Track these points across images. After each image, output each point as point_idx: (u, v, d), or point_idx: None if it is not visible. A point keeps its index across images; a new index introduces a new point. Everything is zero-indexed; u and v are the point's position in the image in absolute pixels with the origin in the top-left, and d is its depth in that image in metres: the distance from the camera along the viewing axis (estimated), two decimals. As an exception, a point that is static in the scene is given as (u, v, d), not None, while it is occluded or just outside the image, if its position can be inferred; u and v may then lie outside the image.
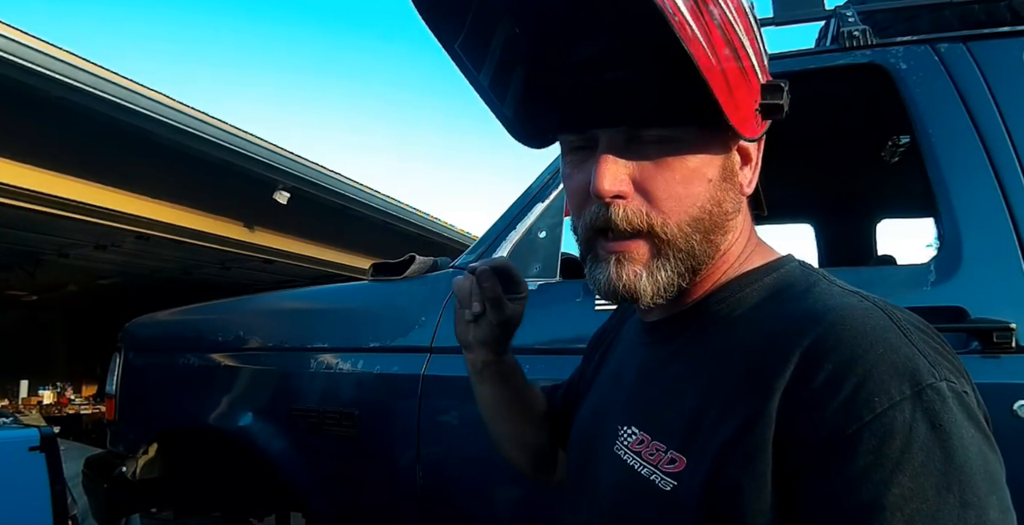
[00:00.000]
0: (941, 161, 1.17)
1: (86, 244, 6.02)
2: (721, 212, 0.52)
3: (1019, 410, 0.98)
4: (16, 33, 3.22)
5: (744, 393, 0.46)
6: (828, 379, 0.42)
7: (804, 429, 0.42)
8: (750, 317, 0.52)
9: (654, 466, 0.51)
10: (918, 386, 0.41)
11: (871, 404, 0.41)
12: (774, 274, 0.54)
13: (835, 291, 0.50)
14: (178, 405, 1.80)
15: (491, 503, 1.34)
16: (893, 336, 0.44)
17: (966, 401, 0.42)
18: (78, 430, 7.96)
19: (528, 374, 1.31)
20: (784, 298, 0.51)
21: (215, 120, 4.53)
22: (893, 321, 0.45)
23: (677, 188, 0.50)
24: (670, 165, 0.50)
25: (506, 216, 1.48)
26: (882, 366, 0.42)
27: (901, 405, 0.40)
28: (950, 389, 0.42)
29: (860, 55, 1.29)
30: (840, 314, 0.46)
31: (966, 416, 0.41)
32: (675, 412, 0.52)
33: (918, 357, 0.42)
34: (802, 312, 0.48)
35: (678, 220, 0.51)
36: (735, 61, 0.48)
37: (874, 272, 1.36)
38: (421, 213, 7.55)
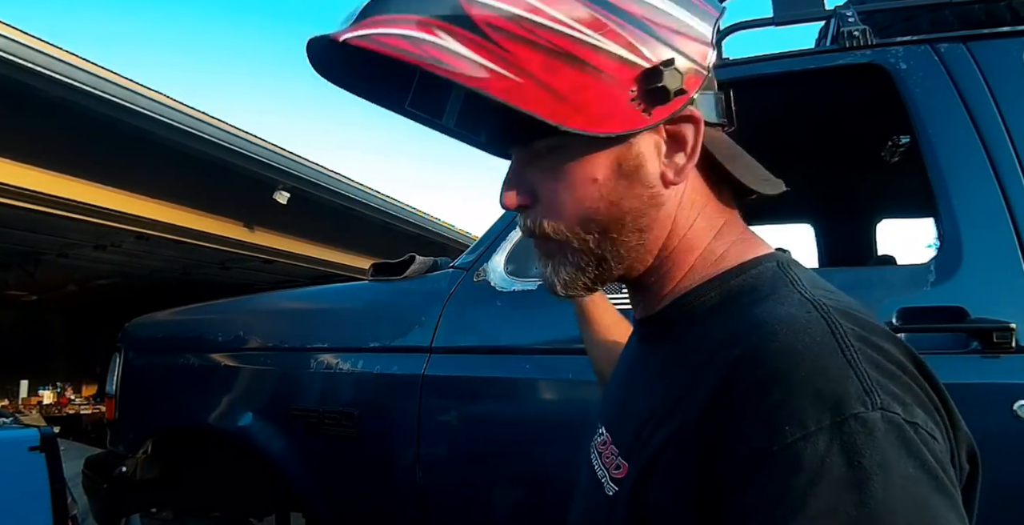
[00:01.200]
0: (941, 161, 1.17)
1: (86, 244, 6.02)
2: (622, 210, 0.51)
3: (1019, 410, 0.98)
4: (16, 33, 3.22)
5: (679, 404, 0.44)
6: (746, 397, 0.39)
7: (721, 447, 0.39)
8: (705, 323, 0.49)
9: (606, 470, 0.52)
10: (840, 416, 0.36)
11: (783, 432, 0.36)
12: (742, 276, 0.51)
13: (792, 299, 0.45)
14: (178, 405, 1.80)
15: (491, 503, 1.34)
16: (827, 354, 0.38)
17: (907, 435, 0.36)
18: (78, 430, 7.97)
19: (529, 374, 1.32)
20: (740, 304, 0.47)
21: (215, 120, 4.53)
22: (836, 336, 0.40)
23: (563, 194, 0.51)
24: (556, 173, 0.52)
25: (506, 216, 1.48)
26: (803, 389, 0.37)
27: (816, 436, 0.35)
28: (886, 420, 0.36)
29: (860, 55, 1.29)
30: (775, 327, 0.41)
31: (903, 453, 0.35)
32: (629, 417, 0.52)
33: (850, 381, 0.37)
34: (745, 322, 0.44)
35: (568, 223, 0.52)
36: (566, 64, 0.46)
37: (874, 272, 1.35)
38: (421, 213, 7.56)
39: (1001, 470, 1.00)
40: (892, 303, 1.11)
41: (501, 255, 1.43)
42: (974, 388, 1.03)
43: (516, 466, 1.32)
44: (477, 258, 1.46)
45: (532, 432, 1.31)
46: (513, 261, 1.44)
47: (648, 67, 0.48)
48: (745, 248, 0.54)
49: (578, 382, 1.29)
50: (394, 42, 0.44)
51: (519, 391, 1.35)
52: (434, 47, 0.44)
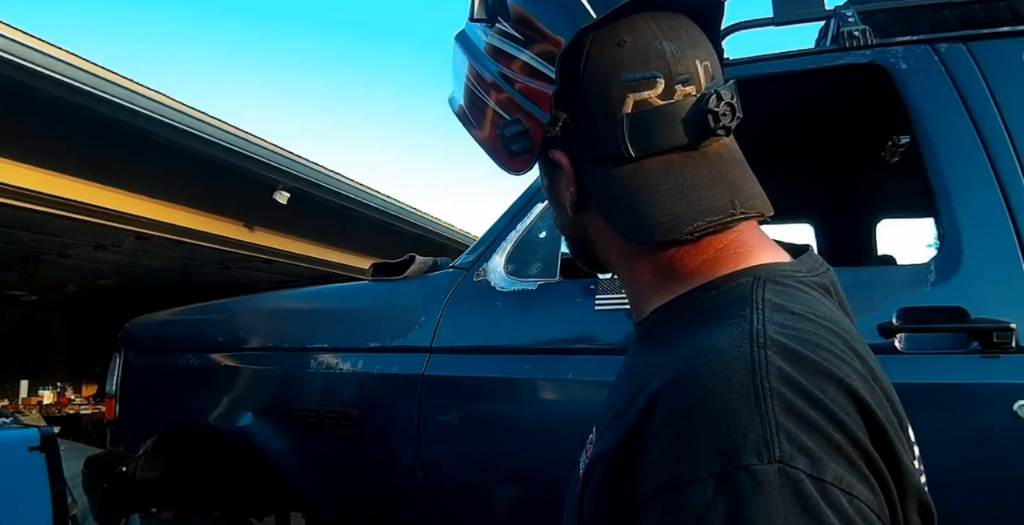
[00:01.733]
0: (941, 161, 1.17)
1: (86, 244, 6.02)
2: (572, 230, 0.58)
3: (1019, 410, 0.98)
4: (16, 33, 3.22)
5: (616, 422, 0.44)
6: (656, 431, 0.38)
7: (631, 475, 0.39)
8: (664, 343, 0.48)
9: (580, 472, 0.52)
10: (731, 465, 0.34)
11: (676, 473, 0.35)
12: (713, 293, 0.48)
13: (735, 328, 0.42)
14: (178, 405, 1.80)
15: (491, 503, 1.34)
16: (737, 398, 0.36)
17: (805, 491, 0.33)
18: (78, 430, 7.97)
19: (528, 374, 1.32)
20: (695, 328, 0.46)
21: (215, 120, 4.53)
22: (755, 377, 0.37)
23: None
24: None
25: (506, 216, 1.48)
26: (702, 432, 0.36)
27: (704, 483, 0.34)
28: (781, 473, 0.34)
29: (860, 55, 1.29)
30: (696, 361, 0.40)
31: (796, 511, 0.33)
32: (602, 422, 0.52)
33: (752, 429, 0.35)
34: (681, 350, 0.43)
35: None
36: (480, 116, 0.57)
37: (874, 272, 1.35)
38: (421, 213, 7.55)
39: (1001, 470, 1.01)
40: (892, 303, 1.11)
41: (501, 255, 1.43)
42: (974, 388, 1.03)
43: (516, 466, 1.32)
44: (477, 258, 1.46)
45: (532, 432, 1.30)
46: (513, 261, 1.44)
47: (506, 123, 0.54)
48: (723, 264, 0.50)
49: (578, 382, 1.29)
50: None
51: (519, 391, 1.35)
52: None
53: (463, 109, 0.61)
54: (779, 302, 0.44)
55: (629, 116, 0.48)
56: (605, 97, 0.48)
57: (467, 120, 0.61)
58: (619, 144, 0.48)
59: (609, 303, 1.28)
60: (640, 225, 0.49)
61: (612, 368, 1.27)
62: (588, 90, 0.49)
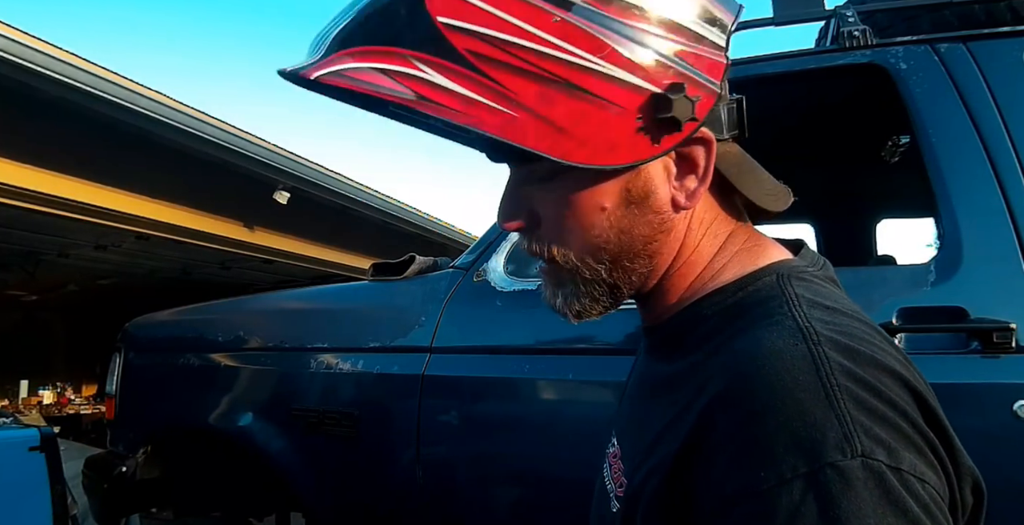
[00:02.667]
0: (941, 161, 1.17)
1: (86, 244, 6.02)
2: (632, 239, 0.48)
3: (1019, 410, 0.98)
4: (16, 33, 3.22)
5: (668, 433, 0.43)
6: (721, 440, 0.38)
7: (700, 487, 0.38)
8: (704, 346, 0.47)
9: (615, 484, 0.51)
10: (816, 463, 0.34)
11: (756, 479, 0.35)
12: (740, 294, 0.48)
13: (783, 326, 0.42)
14: (178, 405, 1.80)
15: (491, 503, 1.34)
16: (808, 396, 0.36)
17: (888, 483, 0.34)
18: (78, 430, 7.98)
19: (528, 374, 1.33)
20: (735, 329, 0.45)
21: (215, 120, 4.53)
22: (820, 374, 0.37)
23: (570, 222, 0.48)
24: (560, 199, 0.48)
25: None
26: (779, 434, 0.35)
27: (791, 484, 0.34)
28: (865, 467, 0.34)
29: (860, 55, 1.29)
30: (757, 365, 0.39)
31: (884, 502, 0.33)
32: (633, 434, 0.51)
33: (830, 425, 0.35)
34: (732, 354, 0.42)
35: (578, 252, 0.49)
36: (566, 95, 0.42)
37: (874, 272, 1.35)
38: (421, 213, 7.56)
39: (1001, 470, 1.00)
40: (892, 303, 1.11)
41: (501, 255, 1.43)
42: (974, 388, 1.03)
43: (516, 466, 1.32)
44: (477, 258, 1.46)
45: (532, 432, 1.30)
46: (513, 261, 1.44)
47: (656, 92, 0.44)
48: (747, 259, 0.51)
49: (578, 382, 1.29)
50: (370, 78, 0.40)
51: (519, 391, 1.35)
52: (416, 81, 0.41)
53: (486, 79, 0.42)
54: (812, 298, 0.45)
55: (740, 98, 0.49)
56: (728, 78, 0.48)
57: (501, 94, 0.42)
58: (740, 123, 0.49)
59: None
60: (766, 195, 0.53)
61: (612, 368, 1.27)
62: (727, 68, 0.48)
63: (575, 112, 0.42)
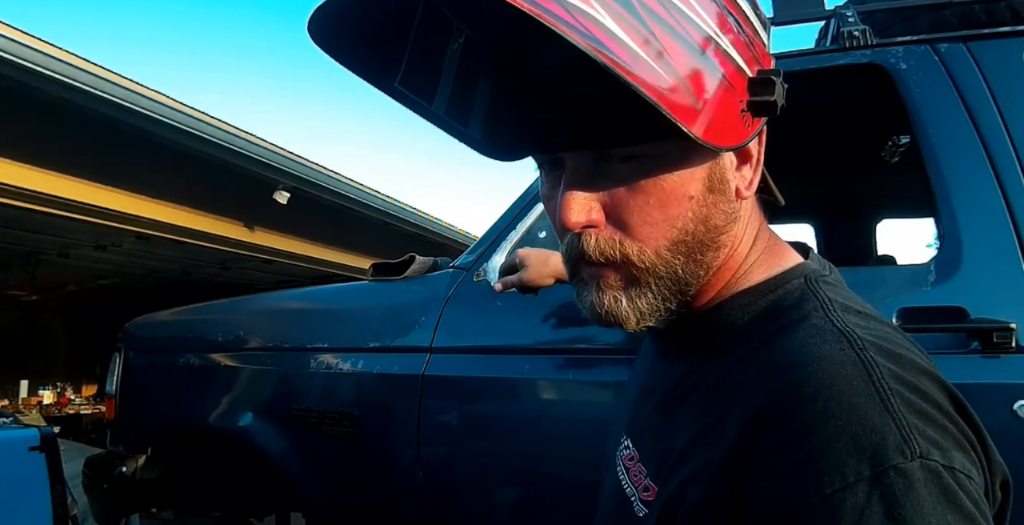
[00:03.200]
0: (941, 161, 1.17)
1: (86, 244, 6.02)
2: (708, 229, 0.47)
3: (1019, 410, 0.98)
4: (16, 33, 3.22)
5: (706, 438, 0.43)
6: (780, 446, 0.38)
7: (752, 495, 0.38)
8: (736, 350, 0.47)
9: (635, 488, 0.50)
10: (879, 467, 0.35)
11: (820, 483, 0.35)
12: (770, 296, 0.48)
13: (822, 331, 0.42)
14: (178, 405, 1.80)
15: (491, 503, 1.34)
16: (864, 401, 0.37)
17: (945, 482, 0.35)
18: (78, 430, 7.96)
19: (528, 374, 1.33)
20: (770, 332, 0.45)
21: (215, 120, 4.53)
22: (872, 379, 0.38)
23: (653, 213, 0.45)
24: (643, 188, 0.45)
25: (506, 216, 1.48)
26: (841, 439, 0.36)
27: (855, 488, 0.35)
28: (924, 468, 0.35)
29: (860, 55, 1.29)
30: (809, 370, 0.39)
31: (941, 500, 0.34)
32: (656, 439, 0.50)
33: (889, 429, 0.36)
34: (774, 360, 0.42)
35: (656, 246, 0.46)
36: (704, 67, 0.41)
37: (874, 272, 1.35)
38: (421, 213, 7.55)
39: (1001, 470, 1.01)
40: (892, 303, 1.11)
41: (501, 255, 1.43)
42: (974, 388, 1.03)
43: (516, 465, 1.32)
44: (477, 258, 1.46)
45: (532, 432, 1.30)
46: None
47: (753, 77, 0.44)
48: (772, 258, 0.51)
49: (578, 382, 1.29)
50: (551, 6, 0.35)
51: (519, 391, 1.35)
52: (593, 24, 0.36)
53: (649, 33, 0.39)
54: (843, 302, 0.46)
55: None
56: None
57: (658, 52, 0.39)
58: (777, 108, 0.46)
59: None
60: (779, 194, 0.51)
61: (612, 368, 1.27)
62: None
63: (706, 86, 0.41)
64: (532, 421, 1.31)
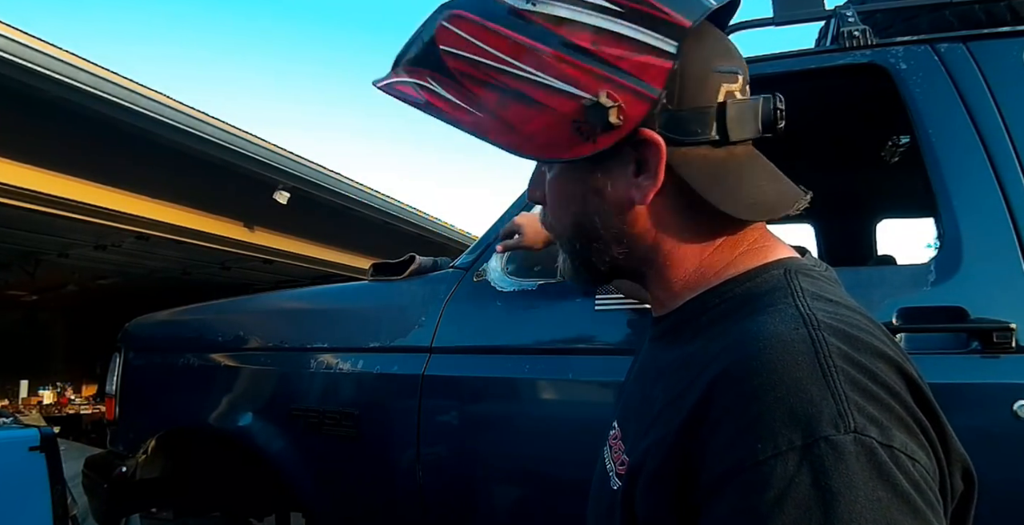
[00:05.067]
0: (941, 161, 1.17)
1: (86, 244, 6.02)
2: (593, 223, 0.56)
3: (1019, 410, 0.98)
4: (16, 33, 3.22)
5: (667, 412, 0.46)
6: (722, 415, 0.40)
7: (697, 462, 0.41)
8: (704, 333, 0.50)
9: (615, 463, 0.54)
10: (811, 437, 0.36)
11: (754, 450, 0.37)
12: (748, 284, 0.51)
13: (784, 313, 0.45)
14: (178, 405, 1.80)
15: (491, 503, 1.34)
16: (805, 375, 0.39)
17: (879, 458, 0.36)
18: (78, 430, 7.96)
19: (529, 374, 1.33)
20: (739, 316, 0.48)
21: (215, 120, 4.53)
22: (819, 357, 0.40)
23: (554, 202, 0.59)
24: (551, 183, 0.59)
25: (506, 216, 1.48)
26: (777, 410, 0.38)
27: (785, 456, 0.36)
28: (857, 442, 0.36)
29: (860, 55, 1.29)
30: (759, 345, 0.42)
31: (873, 476, 0.36)
32: (634, 416, 0.55)
33: (826, 403, 0.37)
34: (734, 337, 0.45)
35: (562, 227, 0.59)
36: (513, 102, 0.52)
37: (874, 272, 1.35)
38: (421, 213, 7.55)
39: (1001, 470, 1.01)
40: (892, 303, 1.11)
41: (501, 255, 1.43)
42: (974, 388, 1.03)
43: (516, 466, 1.32)
44: (477, 258, 1.46)
45: (532, 432, 1.31)
46: (513, 261, 1.44)
47: (585, 98, 0.50)
48: (754, 257, 0.54)
49: (578, 382, 1.29)
50: (403, 88, 0.57)
51: (519, 391, 1.35)
52: (426, 91, 0.56)
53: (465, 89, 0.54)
54: (815, 291, 0.48)
55: (722, 103, 0.51)
56: (704, 82, 0.51)
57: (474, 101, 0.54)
58: (721, 128, 0.51)
59: (609, 303, 1.28)
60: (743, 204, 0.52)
61: (612, 368, 1.27)
62: (687, 72, 0.50)
63: (522, 115, 0.52)
64: (532, 421, 1.31)
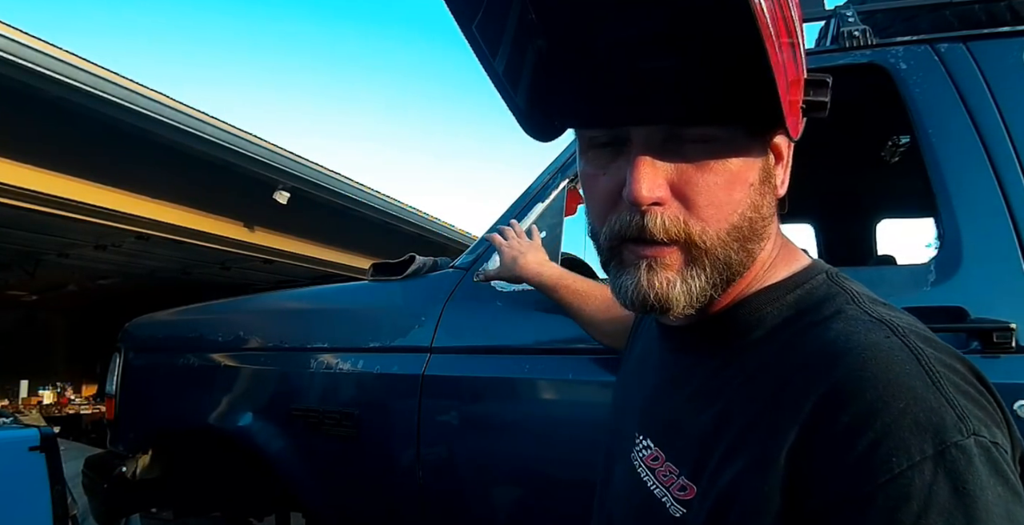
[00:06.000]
0: (941, 161, 1.17)
1: (86, 244, 6.02)
2: (760, 218, 0.48)
3: (1019, 410, 0.98)
4: (16, 33, 3.22)
5: (756, 431, 0.43)
6: (844, 432, 0.39)
7: (817, 483, 0.39)
8: (770, 342, 0.48)
9: (666, 488, 0.49)
10: (942, 445, 0.37)
11: (888, 464, 0.37)
12: (798, 291, 0.49)
13: (862, 321, 0.44)
14: (178, 405, 1.80)
15: (491, 503, 1.34)
16: (920, 384, 0.39)
17: (994, 456, 0.38)
18: (78, 430, 7.97)
19: (528, 374, 1.33)
20: (806, 324, 0.46)
21: (215, 120, 4.53)
22: (922, 364, 0.40)
23: (719, 194, 0.46)
24: (712, 168, 0.46)
25: (506, 216, 1.48)
26: (904, 421, 0.38)
27: (921, 466, 0.37)
28: (978, 444, 0.37)
29: (860, 55, 1.29)
30: (862, 357, 0.41)
31: (994, 473, 0.37)
32: (689, 436, 0.49)
33: (945, 410, 0.38)
34: (822, 349, 0.43)
35: (717, 228, 0.46)
36: (791, 49, 0.43)
37: (874, 272, 1.35)
38: (421, 213, 7.55)
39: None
40: (892, 303, 1.11)
41: (501, 255, 1.43)
42: (974, 388, 1.03)
43: (516, 466, 1.32)
44: (477, 258, 1.46)
45: (532, 432, 1.30)
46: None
47: (808, 78, 0.47)
48: (789, 256, 0.53)
49: (578, 382, 1.29)
50: None
51: (519, 391, 1.35)
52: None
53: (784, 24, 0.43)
54: (868, 294, 0.49)
55: None
56: None
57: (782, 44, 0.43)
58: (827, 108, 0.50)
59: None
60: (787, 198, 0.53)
61: (612, 368, 1.27)
62: None
63: (793, 75, 0.44)
64: (532, 421, 1.31)
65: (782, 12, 0.42)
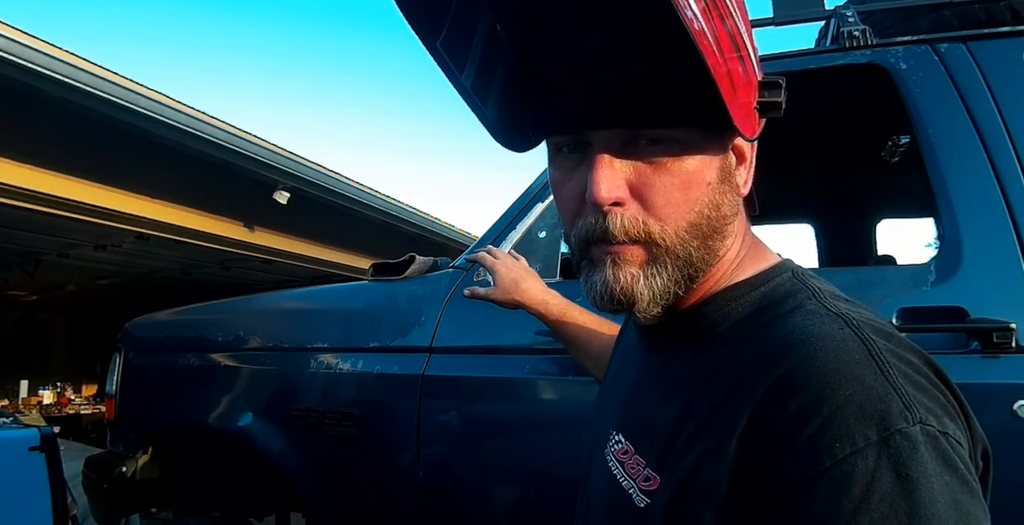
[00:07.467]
0: (941, 161, 1.17)
1: (86, 244, 6.03)
2: (719, 216, 0.50)
3: (1019, 410, 0.98)
4: (16, 33, 3.22)
5: (713, 421, 0.44)
6: (791, 419, 0.40)
7: (765, 469, 0.40)
8: (731, 337, 0.49)
9: (633, 480, 0.51)
10: (886, 431, 0.37)
11: (832, 449, 0.38)
12: (762, 288, 0.51)
13: (819, 314, 0.45)
14: (178, 405, 1.80)
15: (491, 503, 1.34)
16: (867, 372, 0.40)
17: (942, 445, 0.38)
18: (78, 430, 7.97)
19: (528, 374, 1.33)
20: (768, 318, 0.48)
21: (215, 120, 4.53)
22: (872, 354, 0.41)
23: (675, 193, 0.48)
24: (668, 168, 0.48)
25: (506, 216, 1.48)
26: (849, 408, 0.38)
27: (865, 452, 0.37)
28: (924, 433, 0.38)
29: (860, 55, 1.29)
30: (813, 347, 0.42)
31: (940, 462, 0.37)
32: (656, 428, 0.51)
33: (891, 397, 0.39)
34: (777, 341, 0.44)
35: (676, 227, 0.48)
36: (738, 59, 0.45)
37: (874, 272, 1.35)
38: (421, 213, 7.56)
39: (1001, 470, 1.00)
40: (892, 303, 1.11)
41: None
42: (974, 388, 1.03)
43: (516, 466, 1.32)
44: (477, 258, 1.46)
45: (531, 432, 1.31)
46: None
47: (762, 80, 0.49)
48: (757, 255, 0.54)
49: (578, 382, 1.29)
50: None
51: (519, 391, 1.35)
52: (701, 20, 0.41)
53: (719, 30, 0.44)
54: (830, 290, 0.49)
55: None
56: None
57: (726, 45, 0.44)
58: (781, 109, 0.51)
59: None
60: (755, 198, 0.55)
61: (612, 368, 1.26)
62: None
63: (741, 74, 0.45)
64: (532, 421, 1.31)
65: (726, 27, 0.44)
